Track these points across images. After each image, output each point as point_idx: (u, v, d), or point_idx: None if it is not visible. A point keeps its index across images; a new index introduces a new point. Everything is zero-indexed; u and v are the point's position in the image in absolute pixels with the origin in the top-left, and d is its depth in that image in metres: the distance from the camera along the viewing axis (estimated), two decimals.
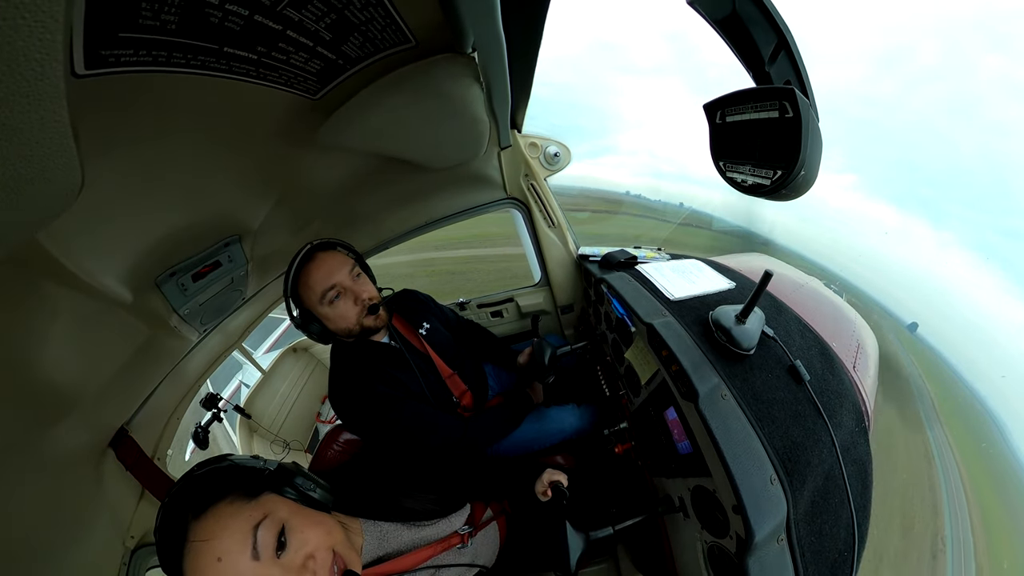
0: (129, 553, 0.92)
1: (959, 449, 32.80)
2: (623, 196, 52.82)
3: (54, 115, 0.32)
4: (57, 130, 0.33)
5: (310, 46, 0.59)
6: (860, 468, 0.76)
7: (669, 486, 0.95)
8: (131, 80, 0.45)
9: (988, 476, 32.34)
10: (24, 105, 0.29)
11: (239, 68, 0.56)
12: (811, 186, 0.59)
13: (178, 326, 0.96)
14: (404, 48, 0.68)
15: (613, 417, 1.29)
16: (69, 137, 0.34)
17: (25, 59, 0.27)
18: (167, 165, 0.64)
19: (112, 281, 0.71)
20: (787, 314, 1.02)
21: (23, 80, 0.28)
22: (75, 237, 0.60)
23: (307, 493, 0.65)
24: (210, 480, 0.59)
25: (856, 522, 0.70)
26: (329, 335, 1.10)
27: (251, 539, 0.54)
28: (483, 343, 1.52)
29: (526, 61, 0.88)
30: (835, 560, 0.68)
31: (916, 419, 32.50)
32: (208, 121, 0.62)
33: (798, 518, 0.67)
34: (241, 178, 0.82)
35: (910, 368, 44.58)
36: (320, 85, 0.70)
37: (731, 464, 0.68)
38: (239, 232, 0.97)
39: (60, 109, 0.32)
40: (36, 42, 0.27)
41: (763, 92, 0.54)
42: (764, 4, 0.47)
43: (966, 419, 43.35)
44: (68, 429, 0.76)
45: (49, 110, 0.31)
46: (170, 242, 0.78)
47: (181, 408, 1.27)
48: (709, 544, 0.77)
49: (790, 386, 0.81)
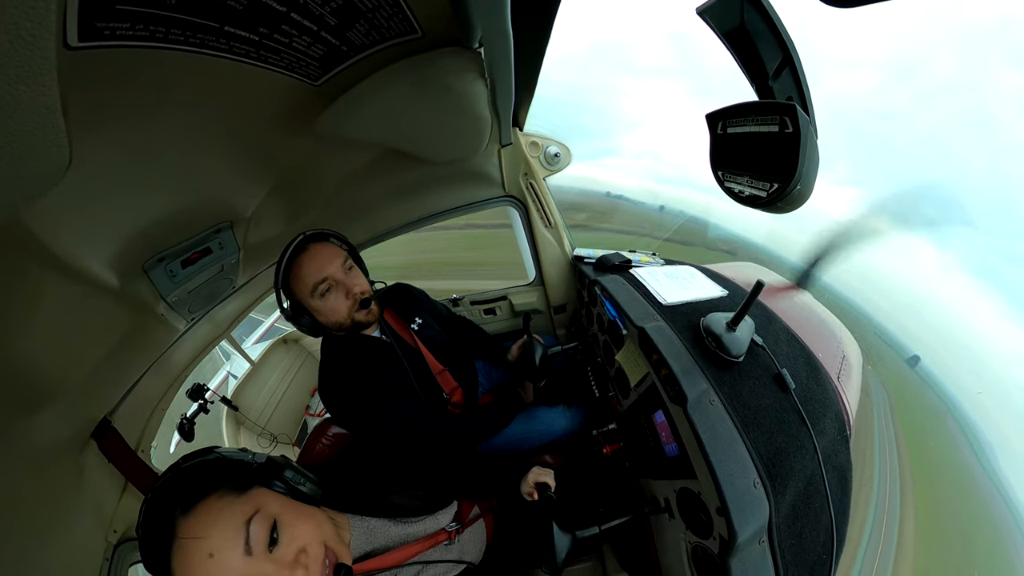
0: (112, 548, 0.90)
1: (910, 454, 32.81)
2: (604, 198, 47.59)
3: (44, 88, 0.30)
4: (46, 104, 0.31)
5: (314, 30, 0.57)
6: (840, 475, 0.79)
7: (655, 487, 0.96)
8: (126, 55, 0.44)
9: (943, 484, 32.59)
10: (12, 77, 0.27)
11: (239, 48, 0.54)
12: (806, 200, 0.61)
13: (165, 314, 0.93)
14: (410, 38, 0.67)
15: (602, 418, 1.30)
16: (58, 112, 0.33)
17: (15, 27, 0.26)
18: (159, 146, 0.62)
19: (98, 265, 0.69)
20: (776, 324, 1.05)
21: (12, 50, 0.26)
22: (61, 217, 0.57)
23: (297, 487, 0.64)
24: (197, 473, 0.57)
25: (835, 526, 0.72)
26: (320, 328, 1.09)
27: (243, 534, 0.52)
28: (475, 340, 1.52)
29: (532, 59, 0.87)
30: (814, 563, 0.71)
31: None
32: (204, 102, 0.61)
33: (779, 521, 0.69)
34: (236, 163, 0.80)
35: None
36: (322, 71, 0.68)
37: (716, 467, 0.70)
38: (231, 218, 0.94)
39: (50, 82, 0.30)
40: (28, 9, 0.26)
41: (765, 106, 0.55)
42: (772, 20, 0.48)
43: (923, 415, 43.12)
44: (49, 419, 0.73)
45: (39, 83, 0.29)
46: (159, 226, 0.76)
47: (166, 399, 1.25)
48: (693, 544, 0.78)
49: (776, 394, 0.83)
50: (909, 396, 43.36)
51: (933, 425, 43.95)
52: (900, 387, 40.98)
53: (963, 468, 39.39)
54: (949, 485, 33.82)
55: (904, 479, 27.95)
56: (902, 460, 31.00)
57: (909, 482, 27.96)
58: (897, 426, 36.86)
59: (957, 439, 47.00)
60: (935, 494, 30.78)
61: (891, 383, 42.67)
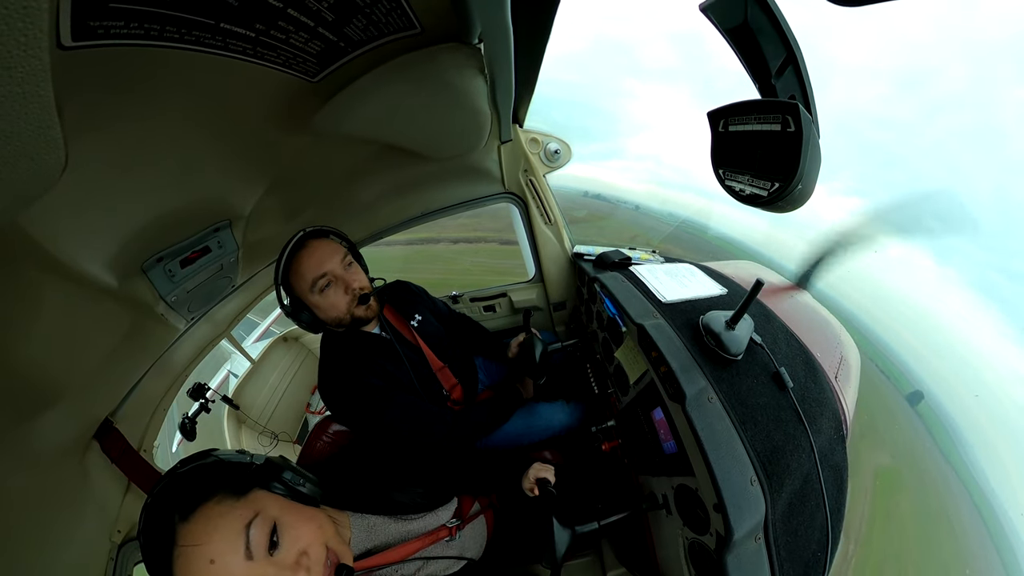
0: (116, 548, 0.90)
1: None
2: (581, 198, 41.00)
3: (38, 89, 0.30)
4: (40, 105, 0.31)
5: (311, 26, 0.57)
6: (836, 473, 0.80)
7: (654, 484, 0.97)
8: (120, 54, 0.43)
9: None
10: (5, 78, 0.27)
11: (235, 45, 0.53)
12: (807, 200, 0.60)
13: (165, 313, 0.93)
14: (409, 34, 0.66)
15: (601, 415, 1.31)
16: (53, 113, 0.32)
17: (7, 27, 0.25)
18: (156, 145, 0.61)
19: (96, 266, 0.69)
20: (775, 323, 1.05)
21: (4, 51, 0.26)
22: (57, 220, 0.57)
23: (296, 488, 0.64)
24: (195, 478, 0.57)
25: (830, 524, 0.73)
26: (319, 324, 1.09)
27: (243, 539, 0.52)
28: (474, 336, 1.52)
29: (532, 55, 0.86)
30: (808, 560, 0.72)
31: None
32: (200, 100, 0.60)
33: (775, 518, 0.70)
34: (233, 161, 0.79)
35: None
36: (320, 67, 0.67)
37: (714, 465, 0.70)
38: (230, 217, 0.94)
39: (44, 83, 0.30)
40: (19, 9, 0.25)
41: (768, 105, 0.54)
42: (776, 17, 0.47)
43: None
44: (51, 421, 0.73)
45: (32, 84, 0.29)
46: (157, 226, 0.75)
47: (168, 398, 1.25)
48: (690, 540, 0.79)
49: (774, 392, 0.83)
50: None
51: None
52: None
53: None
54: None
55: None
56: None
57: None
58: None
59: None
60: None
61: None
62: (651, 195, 79.06)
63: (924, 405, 27.58)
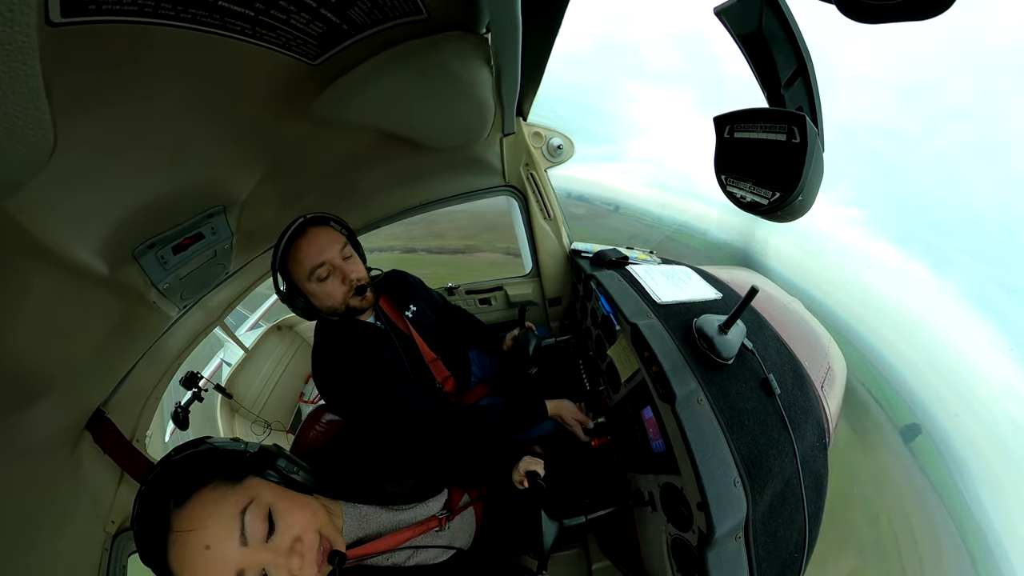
0: (111, 538, 0.89)
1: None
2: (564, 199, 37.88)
3: (25, 68, 0.28)
4: (28, 85, 0.29)
5: (313, 7, 0.54)
6: (817, 480, 0.82)
7: (640, 481, 1.00)
8: (112, 31, 0.41)
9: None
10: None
11: (233, 25, 0.51)
12: (807, 211, 0.61)
13: (157, 301, 0.91)
14: (414, 20, 0.64)
15: (592, 411, 1.33)
16: (41, 94, 0.31)
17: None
18: (149, 128, 0.59)
19: (86, 253, 0.67)
20: (767, 330, 1.06)
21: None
22: (46, 205, 0.55)
23: (290, 476, 0.65)
24: (190, 465, 0.57)
25: (808, 528, 0.76)
26: (314, 311, 1.08)
27: (238, 525, 0.53)
28: (469, 329, 1.53)
29: (540, 49, 0.84)
30: (786, 560, 0.75)
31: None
32: (196, 81, 0.58)
33: (756, 519, 0.72)
34: (229, 145, 0.77)
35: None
36: (321, 50, 0.65)
37: (700, 465, 0.72)
38: (224, 203, 0.92)
39: (32, 61, 0.29)
40: None
41: (775, 114, 0.54)
42: (790, 27, 0.46)
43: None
44: (42, 412, 0.72)
45: (19, 62, 0.28)
46: (149, 211, 0.73)
47: (160, 387, 1.23)
48: (673, 537, 0.82)
49: (761, 398, 0.85)
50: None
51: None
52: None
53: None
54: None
55: None
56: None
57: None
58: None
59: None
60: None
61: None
62: (649, 199, 77.64)
63: (923, 438, 20.42)
